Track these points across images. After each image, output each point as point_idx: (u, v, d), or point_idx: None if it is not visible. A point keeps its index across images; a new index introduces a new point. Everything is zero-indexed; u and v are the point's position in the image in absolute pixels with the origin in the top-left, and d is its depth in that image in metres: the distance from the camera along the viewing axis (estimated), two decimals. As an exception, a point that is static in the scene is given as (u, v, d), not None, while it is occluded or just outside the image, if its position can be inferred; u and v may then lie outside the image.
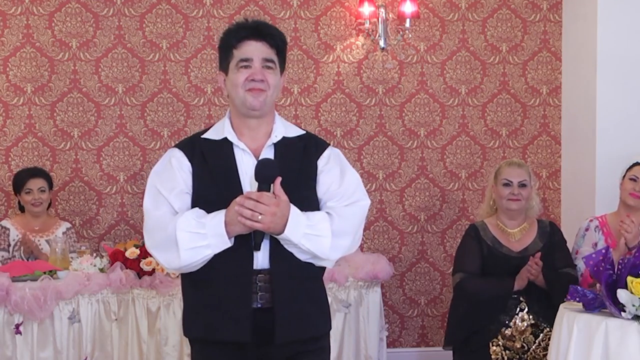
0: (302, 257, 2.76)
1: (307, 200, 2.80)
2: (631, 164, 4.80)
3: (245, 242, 2.71)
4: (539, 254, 4.49)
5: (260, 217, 2.62)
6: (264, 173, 2.68)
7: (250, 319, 2.71)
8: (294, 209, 2.69)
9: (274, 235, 2.71)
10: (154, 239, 2.75)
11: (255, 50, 2.78)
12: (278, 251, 2.73)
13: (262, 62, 2.78)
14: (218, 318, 2.73)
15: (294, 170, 2.80)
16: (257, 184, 2.69)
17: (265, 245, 2.73)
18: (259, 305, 2.73)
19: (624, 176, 4.78)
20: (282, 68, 2.87)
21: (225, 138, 2.82)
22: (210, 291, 2.74)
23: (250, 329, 2.71)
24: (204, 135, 2.86)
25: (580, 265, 4.63)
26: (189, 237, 2.65)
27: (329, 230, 2.75)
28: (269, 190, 2.66)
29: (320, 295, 2.90)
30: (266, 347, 2.74)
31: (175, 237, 2.65)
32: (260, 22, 2.86)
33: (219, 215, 2.67)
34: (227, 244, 2.66)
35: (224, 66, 2.85)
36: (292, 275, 2.76)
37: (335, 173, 2.88)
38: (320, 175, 2.86)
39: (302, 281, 2.79)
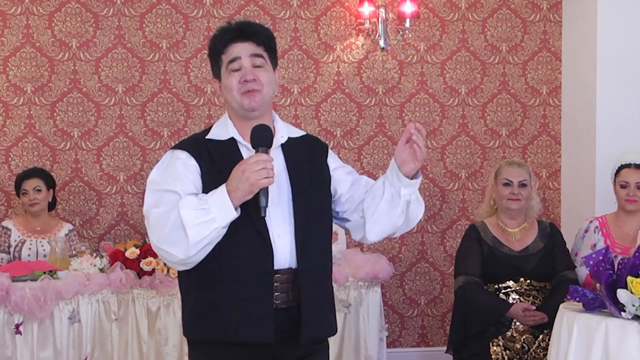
0: (397, 220, 2.81)
1: (322, 199, 2.82)
2: (617, 166, 4.76)
3: (264, 242, 2.69)
4: (540, 314, 4.50)
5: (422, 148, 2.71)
6: (262, 137, 2.69)
7: (272, 319, 2.69)
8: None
9: (407, 177, 2.74)
10: (159, 234, 2.66)
11: (242, 50, 2.76)
12: (304, 249, 2.73)
13: (252, 61, 2.76)
14: (238, 319, 2.69)
15: (306, 170, 2.81)
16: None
17: (288, 246, 2.72)
18: (275, 306, 2.71)
19: (614, 181, 4.76)
20: (274, 63, 2.85)
21: (232, 138, 2.80)
22: (228, 292, 2.69)
23: (273, 330, 2.69)
24: (209, 136, 2.82)
25: (582, 273, 4.63)
26: (194, 213, 2.59)
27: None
28: (267, 152, 2.67)
29: (332, 294, 2.91)
30: (281, 347, 2.73)
31: (180, 217, 2.59)
32: (243, 23, 2.83)
33: (220, 188, 2.63)
34: (232, 213, 2.60)
35: (216, 73, 2.84)
36: (316, 274, 2.77)
37: (348, 169, 2.98)
38: (335, 172, 2.90)
39: (322, 281, 2.81)
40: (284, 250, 2.72)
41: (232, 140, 2.80)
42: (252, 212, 2.67)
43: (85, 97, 5.79)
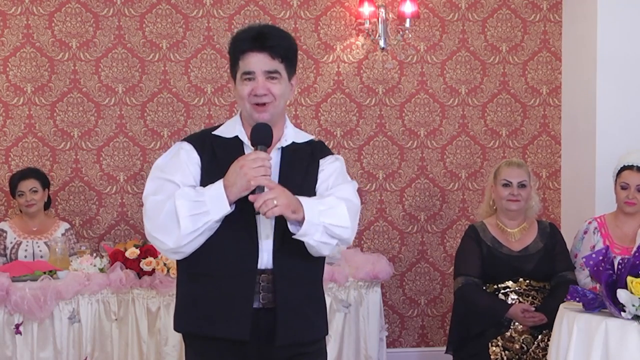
0: (325, 247, 2.72)
1: None
2: (619, 167, 4.74)
3: (251, 240, 2.72)
4: (539, 315, 4.48)
5: (275, 201, 2.60)
6: (262, 135, 2.70)
7: (250, 317, 2.70)
8: (300, 197, 2.68)
9: (293, 225, 2.66)
10: (153, 222, 2.71)
11: (257, 62, 2.75)
12: (282, 251, 2.74)
13: (265, 74, 2.76)
14: (217, 314, 2.72)
15: (297, 176, 2.81)
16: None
17: (268, 245, 2.74)
18: (260, 305, 2.73)
19: (615, 181, 4.75)
20: (292, 73, 2.83)
21: (237, 137, 2.83)
22: (211, 286, 2.73)
23: (250, 328, 2.70)
24: (215, 132, 2.86)
25: (582, 276, 4.63)
26: (189, 205, 2.64)
27: (337, 199, 2.74)
28: (265, 151, 2.69)
29: (320, 298, 2.91)
30: (267, 347, 2.74)
31: (175, 206, 2.63)
32: (264, 32, 2.79)
33: (217, 183, 2.67)
34: (226, 208, 2.64)
35: (232, 73, 2.84)
36: (295, 276, 2.76)
37: (335, 168, 2.89)
38: (320, 172, 2.88)
39: (304, 283, 2.80)
40: (269, 251, 2.74)
41: (237, 139, 2.83)
42: (245, 210, 2.69)
43: (85, 97, 5.79)
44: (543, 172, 6.18)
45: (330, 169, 2.89)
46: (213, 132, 2.86)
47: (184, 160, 2.78)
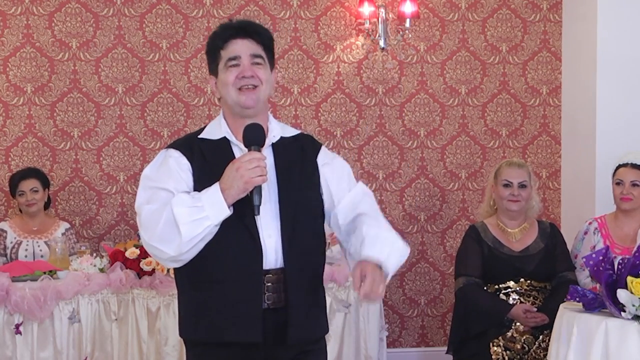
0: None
1: (312, 199, 2.80)
2: (616, 166, 4.75)
3: (253, 242, 2.69)
4: (541, 316, 4.48)
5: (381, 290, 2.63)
6: (255, 135, 2.70)
7: (261, 319, 2.69)
8: (376, 261, 2.69)
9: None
10: (152, 232, 2.69)
11: (242, 47, 2.75)
12: (291, 251, 2.72)
13: (251, 58, 2.75)
14: (227, 319, 2.69)
15: (295, 170, 2.80)
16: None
17: (275, 245, 2.72)
18: (266, 306, 2.71)
19: (612, 180, 4.75)
20: (272, 64, 2.84)
21: (224, 137, 2.80)
22: (218, 292, 2.70)
23: (262, 329, 2.69)
24: (201, 135, 2.83)
25: (582, 276, 4.63)
26: (187, 211, 2.60)
27: (393, 234, 2.81)
28: (259, 151, 2.67)
29: (323, 295, 2.90)
30: (273, 348, 2.73)
31: (173, 214, 2.60)
32: (245, 21, 2.83)
33: (213, 186, 2.64)
34: (225, 211, 2.61)
35: (213, 69, 2.82)
36: (304, 275, 2.76)
37: (344, 166, 2.96)
38: (324, 168, 2.87)
39: (311, 281, 2.80)
40: (273, 250, 2.71)
41: (225, 140, 2.80)
42: (243, 212, 2.67)
43: (85, 97, 5.79)
44: (543, 172, 6.18)
45: (339, 166, 2.94)
46: (199, 136, 2.83)
47: (174, 167, 2.74)
